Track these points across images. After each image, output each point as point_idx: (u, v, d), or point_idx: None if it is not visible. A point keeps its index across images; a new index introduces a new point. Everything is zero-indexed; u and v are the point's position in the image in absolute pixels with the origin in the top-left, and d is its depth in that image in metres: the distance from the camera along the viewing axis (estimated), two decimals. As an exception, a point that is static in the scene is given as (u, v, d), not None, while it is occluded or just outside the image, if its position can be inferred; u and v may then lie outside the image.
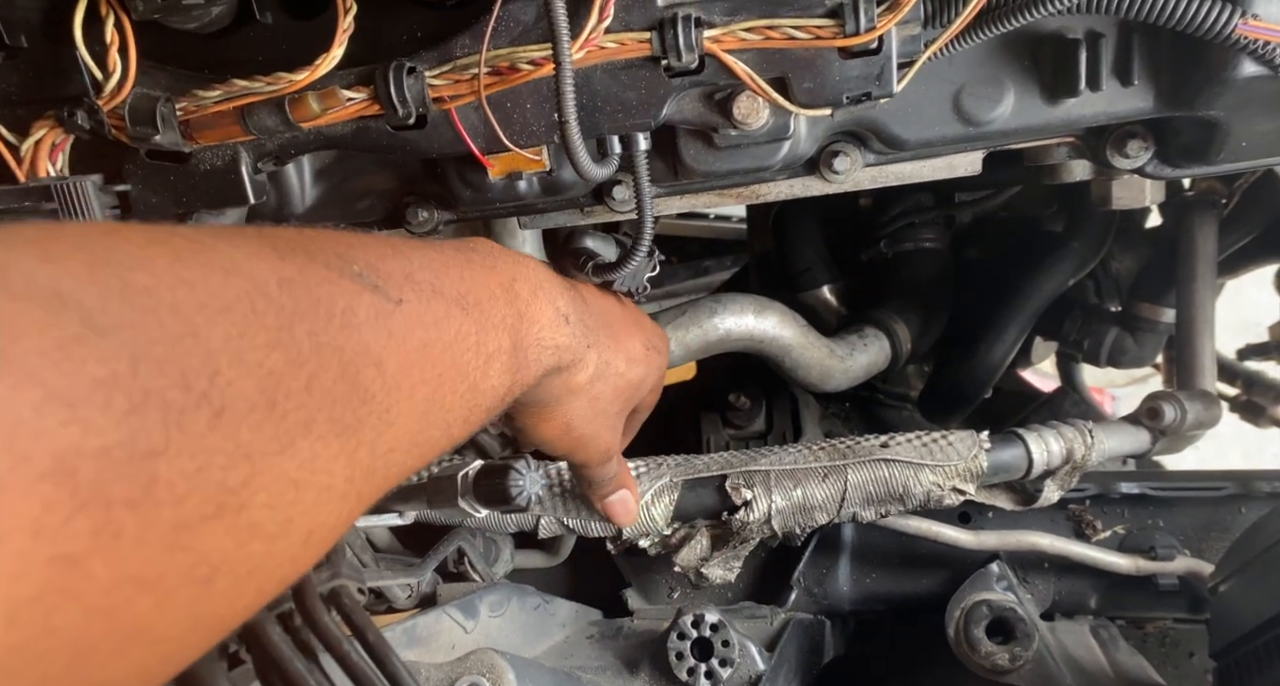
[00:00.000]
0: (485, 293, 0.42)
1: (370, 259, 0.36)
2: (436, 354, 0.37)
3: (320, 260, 0.33)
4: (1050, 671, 0.62)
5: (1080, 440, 0.70)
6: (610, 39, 0.52)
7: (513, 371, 0.44)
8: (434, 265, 0.40)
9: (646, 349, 0.61)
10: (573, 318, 0.50)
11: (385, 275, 0.35)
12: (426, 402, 0.36)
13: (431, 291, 0.38)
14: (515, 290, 0.45)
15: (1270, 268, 1.08)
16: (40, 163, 0.54)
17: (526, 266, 0.49)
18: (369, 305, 0.33)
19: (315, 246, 0.34)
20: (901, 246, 1.01)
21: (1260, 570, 0.56)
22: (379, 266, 0.36)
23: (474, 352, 0.40)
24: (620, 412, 0.60)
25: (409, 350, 0.35)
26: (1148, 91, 0.55)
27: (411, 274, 0.37)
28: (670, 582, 0.78)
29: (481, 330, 0.40)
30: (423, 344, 0.36)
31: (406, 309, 0.35)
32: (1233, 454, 1.92)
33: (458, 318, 0.39)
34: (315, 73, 0.52)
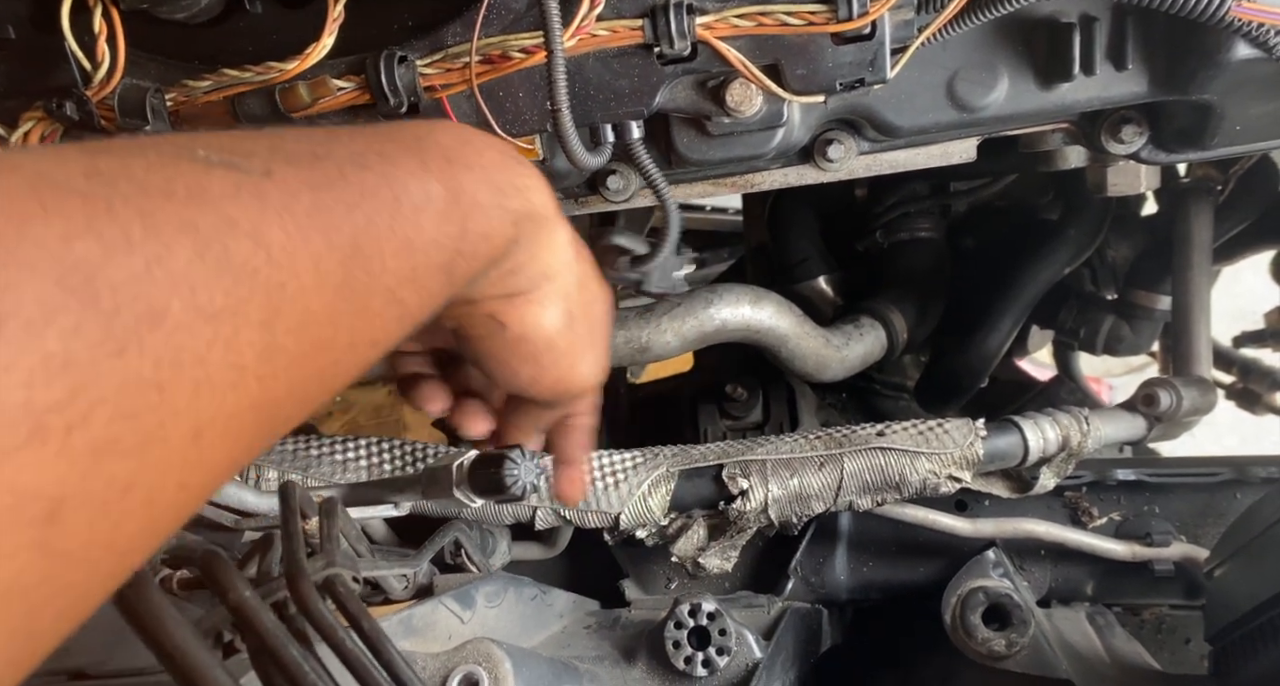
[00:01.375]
0: (391, 147, 0.36)
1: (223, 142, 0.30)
2: (340, 215, 0.31)
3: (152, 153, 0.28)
4: (1046, 657, 0.62)
5: (1076, 427, 0.70)
6: (602, 26, 0.51)
7: (458, 219, 0.37)
8: (313, 135, 0.34)
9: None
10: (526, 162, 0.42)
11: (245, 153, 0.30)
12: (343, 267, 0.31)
13: (312, 157, 0.32)
14: (435, 138, 0.38)
15: (1266, 254, 1.08)
16: (30, 154, 0.54)
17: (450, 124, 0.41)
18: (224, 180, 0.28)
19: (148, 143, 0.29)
20: (897, 236, 1.01)
21: (1255, 554, 0.57)
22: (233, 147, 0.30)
23: (392, 205, 0.34)
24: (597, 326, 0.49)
25: (297, 216, 0.30)
26: (1142, 75, 0.55)
27: (279, 147, 0.32)
28: (667, 572, 0.78)
29: (393, 182, 0.34)
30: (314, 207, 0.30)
31: (280, 177, 0.30)
32: (1229, 441, 1.93)
33: (354, 175, 0.33)
34: (305, 62, 0.52)
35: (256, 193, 0.29)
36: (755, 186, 0.66)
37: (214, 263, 0.26)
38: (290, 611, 0.38)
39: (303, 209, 0.30)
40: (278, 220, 0.29)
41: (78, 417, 0.22)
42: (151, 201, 0.26)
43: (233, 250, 0.27)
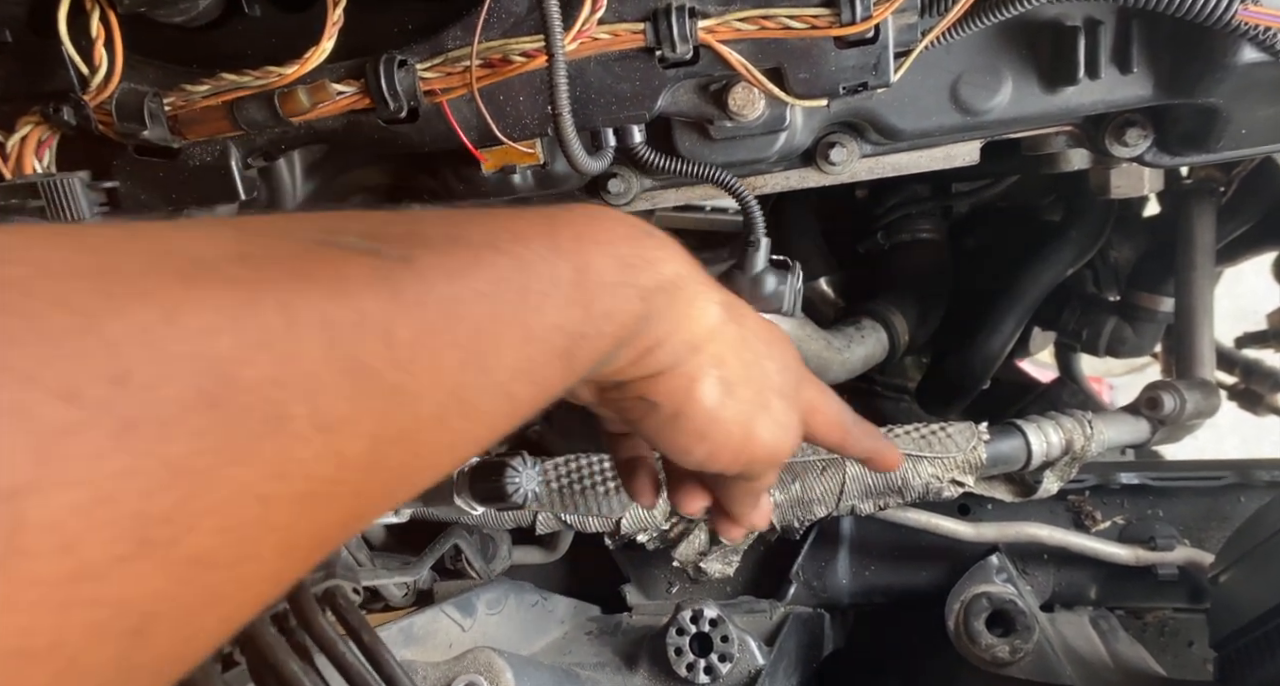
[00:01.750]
0: (524, 226, 0.35)
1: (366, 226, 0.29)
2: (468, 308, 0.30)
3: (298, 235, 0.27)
4: (1050, 663, 0.62)
5: (1079, 431, 0.70)
6: (603, 30, 0.51)
7: (583, 302, 0.35)
8: (451, 218, 0.33)
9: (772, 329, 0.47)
10: (659, 235, 0.40)
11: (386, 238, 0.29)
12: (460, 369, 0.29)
13: (448, 242, 0.31)
14: (566, 217, 0.37)
15: (1269, 255, 1.08)
16: (26, 159, 0.54)
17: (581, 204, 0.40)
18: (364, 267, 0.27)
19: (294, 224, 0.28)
20: (899, 237, 1.01)
21: (1260, 561, 0.56)
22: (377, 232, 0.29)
23: (519, 293, 0.32)
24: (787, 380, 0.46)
25: (428, 311, 0.28)
26: (1147, 79, 0.55)
27: (419, 231, 0.31)
28: (669, 577, 0.78)
29: (525, 267, 0.33)
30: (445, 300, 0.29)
31: (418, 265, 0.29)
32: (1231, 442, 1.93)
33: (489, 259, 0.31)
34: (305, 66, 0.51)
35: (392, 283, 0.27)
36: (757, 189, 0.66)
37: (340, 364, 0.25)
38: (290, 624, 0.37)
39: (434, 301, 0.29)
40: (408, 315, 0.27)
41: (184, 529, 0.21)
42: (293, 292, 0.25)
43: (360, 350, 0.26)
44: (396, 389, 0.27)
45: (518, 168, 0.59)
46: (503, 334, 0.31)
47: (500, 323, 0.31)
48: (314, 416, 0.24)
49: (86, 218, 0.54)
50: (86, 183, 0.55)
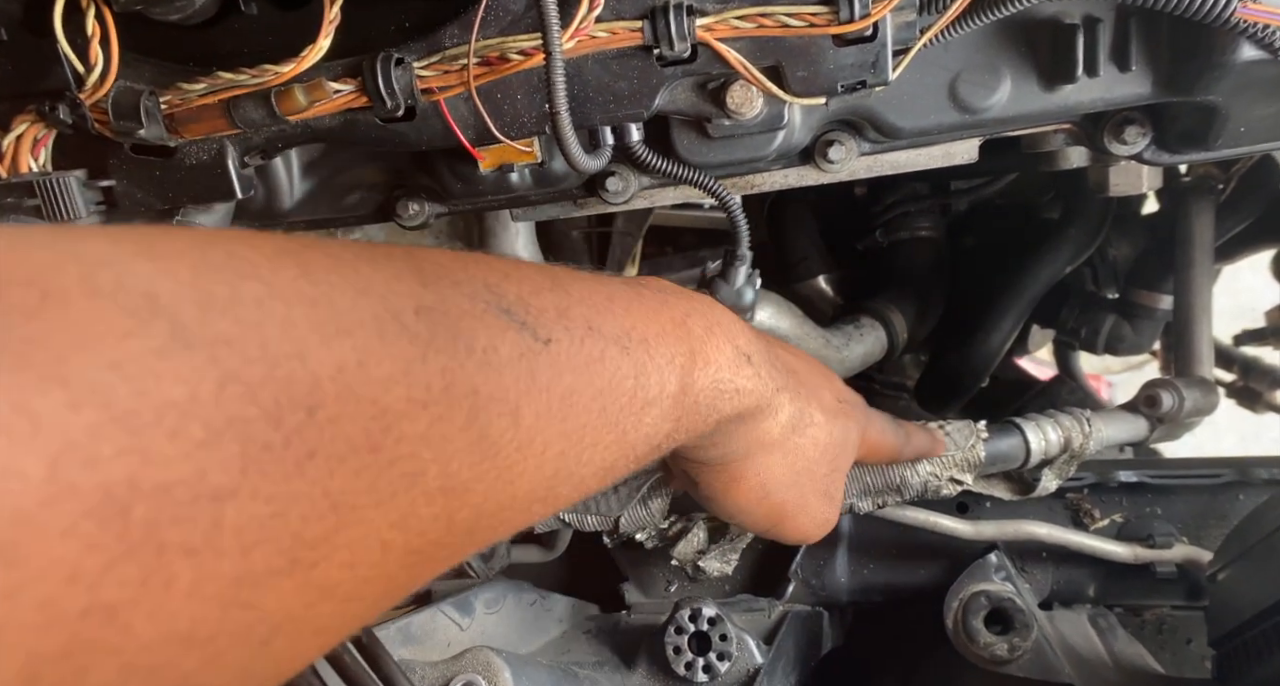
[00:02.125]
0: (652, 329, 0.37)
1: (523, 292, 0.32)
2: (583, 404, 0.32)
3: (466, 290, 0.29)
4: (1049, 660, 0.62)
5: (1078, 429, 0.70)
6: (601, 28, 0.51)
7: (675, 418, 0.38)
8: (594, 299, 0.35)
9: (839, 401, 0.53)
10: (756, 358, 0.44)
11: (537, 311, 0.31)
12: (560, 458, 0.32)
13: (586, 329, 0.33)
14: (688, 326, 0.40)
15: (1267, 253, 1.08)
16: (22, 158, 0.54)
17: (702, 302, 0.43)
18: (513, 344, 0.29)
19: (464, 273, 0.30)
20: (897, 235, 1.01)
21: (1259, 559, 0.56)
22: (531, 301, 0.32)
23: (628, 399, 0.35)
24: (829, 475, 0.52)
25: (551, 398, 0.31)
26: (1145, 77, 0.55)
27: (566, 309, 0.33)
28: (667, 576, 0.77)
29: (641, 373, 0.35)
30: (568, 392, 0.31)
31: (555, 350, 0.31)
32: (1229, 439, 1.93)
33: (614, 359, 0.34)
34: (301, 65, 0.51)
35: (531, 365, 0.30)
36: (756, 187, 0.65)
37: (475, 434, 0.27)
38: (287, 624, 0.37)
39: (559, 392, 0.31)
40: (535, 400, 0.30)
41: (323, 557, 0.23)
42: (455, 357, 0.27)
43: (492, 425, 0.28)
44: (509, 465, 0.29)
45: (515, 166, 0.58)
46: (602, 436, 0.34)
47: (604, 424, 0.34)
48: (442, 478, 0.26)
49: (83, 216, 0.54)
50: (83, 181, 0.55)
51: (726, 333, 0.42)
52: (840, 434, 0.51)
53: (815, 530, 0.53)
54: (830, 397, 0.52)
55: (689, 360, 0.38)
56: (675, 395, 0.37)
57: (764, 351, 0.45)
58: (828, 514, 0.53)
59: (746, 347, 0.43)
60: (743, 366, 0.42)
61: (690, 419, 0.39)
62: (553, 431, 0.31)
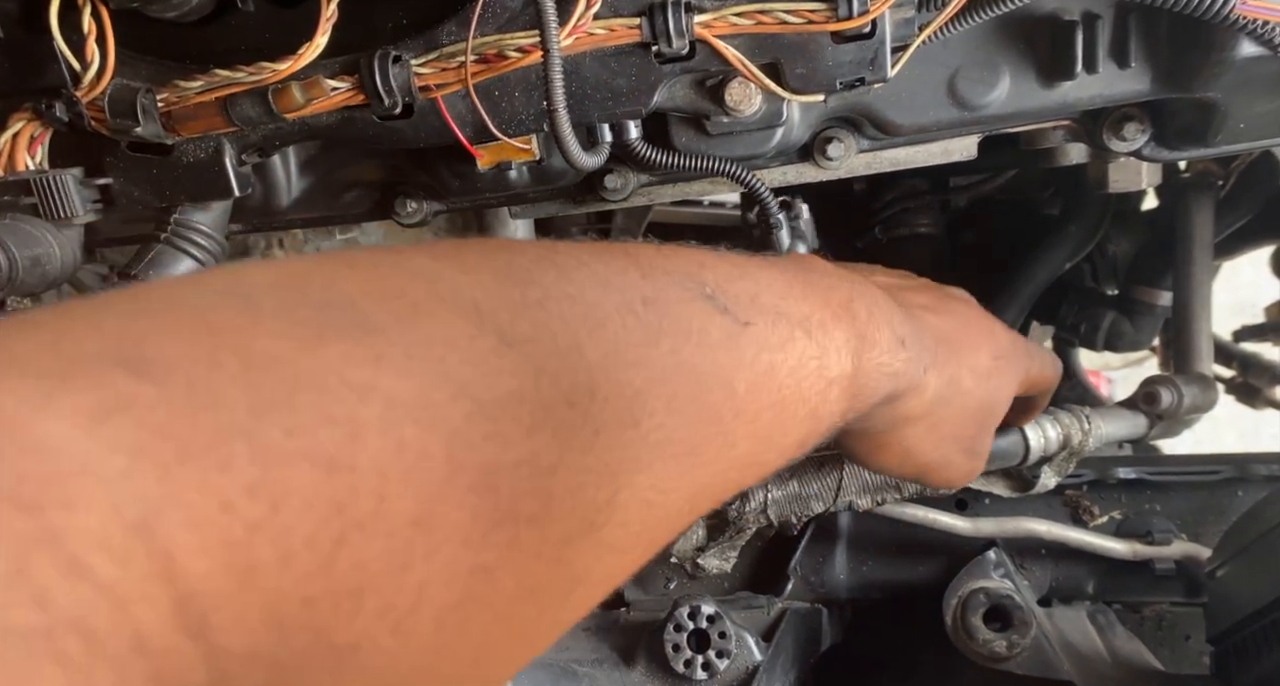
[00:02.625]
0: (828, 313, 0.40)
1: (720, 280, 0.35)
2: (782, 378, 0.36)
3: (677, 280, 0.33)
4: (1048, 657, 0.62)
5: (1077, 426, 0.70)
6: (599, 25, 0.51)
7: (850, 396, 0.41)
8: (777, 286, 0.39)
9: (996, 359, 0.54)
10: (909, 339, 0.46)
11: (734, 297, 0.35)
12: (769, 427, 0.35)
13: (775, 314, 0.37)
14: (854, 311, 0.42)
15: (1267, 248, 1.08)
16: (19, 156, 0.53)
17: (861, 286, 0.45)
18: (720, 327, 0.33)
19: (672, 265, 0.34)
20: (896, 232, 1.01)
21: (1258, 556, 0.56)
22: (728, 288, 0.35)
23: (816, 376, 0.38)
24: (978, 434, 0.55)
25: (757, 373, 0.34)
26: (1145, 73, 0.55)
27: (757, 296, 0.37)
28: (666, 573, 0.77)
29: (824, 354, 0.39)
30: (769, 367, 0.35)
31: (753, 332, 0.35)
32: (1229, 435, 1.93)
33: (801, 341, 0.37)
34: (299, 62, 0.51)
35: (738, 344, 0.34)
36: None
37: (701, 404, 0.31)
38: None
39: (762, 366, 0.34)
40: (744, 372, 0.33)
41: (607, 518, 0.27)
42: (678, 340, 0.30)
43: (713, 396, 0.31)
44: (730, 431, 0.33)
45: (513, 164, 0.58)
46: (798, 407, 0.37)
47: (799, 396, 0.37)
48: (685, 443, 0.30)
49: (79, 215, 0.54)
50: (80, 179, 0.55)
51: (885, 316, 0.45)
52: (990, 394, 0.54)
53: (959, 480, 0.56)
54: (986, 357, 0.54)
55: (859, 343, 0.42)
56: (850, 375, 0.40)
57: (915, 333, 0.47)
58: (972, 466, 0.55)
59: (900, 330, 0.46)
60: (899, 350, 0.45)
61: (859, 399, 0.43)
62: (762, 402, 0.34)
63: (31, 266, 0.51)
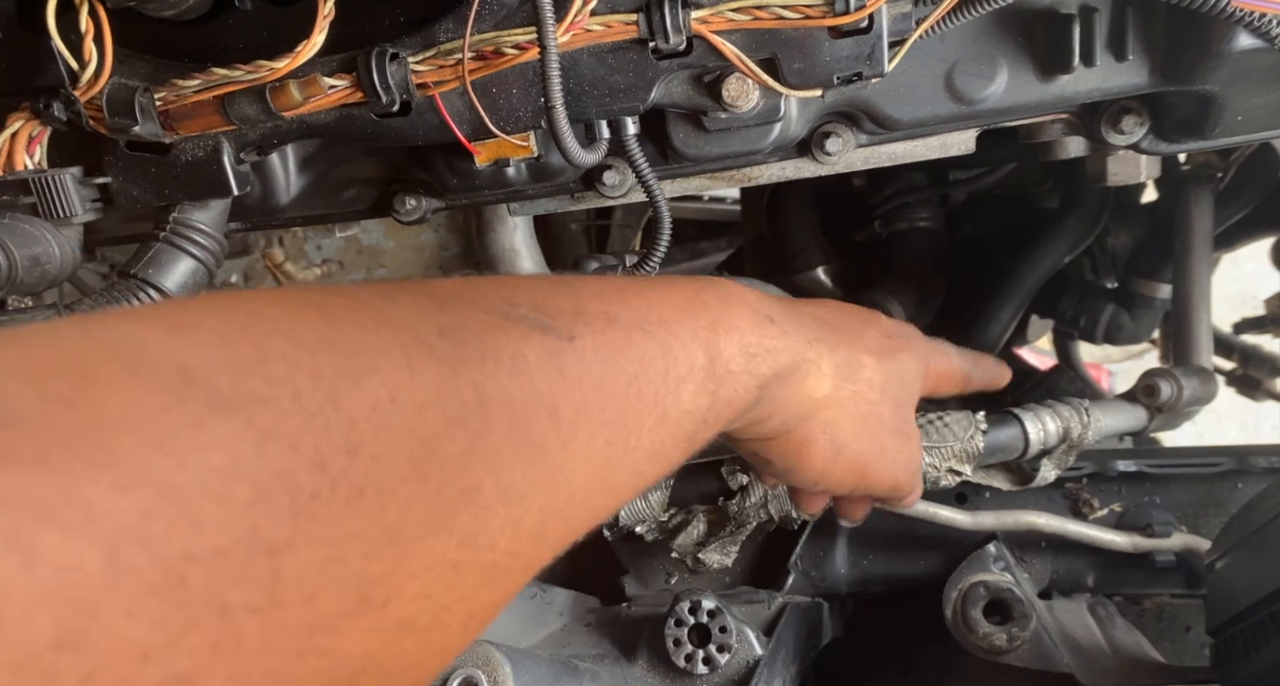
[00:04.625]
0: (668, 309, 0.38)
1: (537, 298, 0.32)
2: (619, 389, 0.33)
3: (484, 306, 0.30)
4: (1048, 650, 0.62)
5: (1077, 419, 0.70)
6: (596, 21, 0.51)
7: (711, 390, 0.38)
8: (607, 293, 0.36)
9: (886, 337, 0.52)
10: (779, 316, 0.43)
11: (554, 312, 0.32)
12: (608, 447, 0.32)
13: (605, 321, 0.34)
14: (702, 299, 0.40)
15: (1267, 240, 1.08)
16: (17, 155, 0.54)
17: (710, 280, 0.43)
18: (539, 346, 0.30)
19: (478, 293, 0.31)
20: (896, 226, 1.01)
21: (1257, 547, 0.56)
22: (546, 304, 0.32)
23: (661, 377, 0.35)
24: (896, 412, 0.51)
25: (585, 390, 0.31)
26: (1142, 66, 0.55)
27: (582, 307, 0.34)
28: (667, 568, 0.78)
29: (668, 352, 0.36)
30: (600, 381, 0.32)
31: (580, 344, 0.32)
32: (1230, 427, 1.93)
33: (639, 342, 0.34)
34: (296, 60, 0.51)
35: (559, 362, 0.30)
36: (753, 180, 0.65)
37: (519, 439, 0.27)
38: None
39: (592, 382, 0.31)
40: (570, 394, 0.30)
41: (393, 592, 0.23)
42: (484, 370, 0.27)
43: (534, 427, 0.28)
44: (560, 464, 0.29)
45: (512, 161, 0.58)
46: (645, 415, 0.34)
47: (644, 404, 0.34)
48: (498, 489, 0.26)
49: (79, 214, 0.54)
50: (78, 178, 0.55)
51: (741, 299, 0.42)
52: (896, 369, 0.50)
53: (902, 472, 0.52)
54: (875, 335, 0.51)
55: (711, 331, 0.39)
56: (705, 367, 0.38)
57: (785, 309, 0.44)
58: (908, 451, 0.52)
59: (766, 310, 0.43)
60: (766, 326, 0.42)
61: (728, 388, 0.39)
62: (595, 422, 0.31)
63: (31, 266, 0.51)
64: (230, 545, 0.20)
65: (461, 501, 0.25)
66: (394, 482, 0.23)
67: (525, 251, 0.83)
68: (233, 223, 0.63)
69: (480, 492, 0.26)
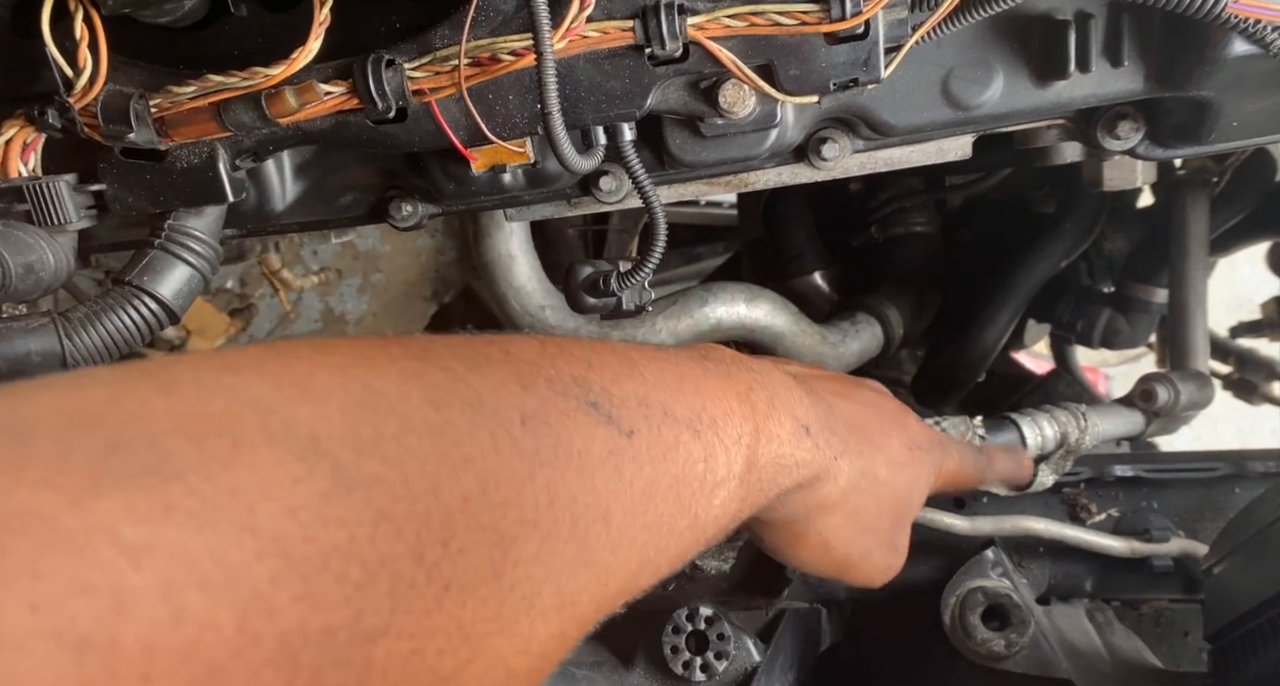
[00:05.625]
0: (720, 409, 0.37)
1: (606, 382, 0.32)
2: (661, 492, 0.32)
3: (559, 387, 0.30)
4: (1046, 656, 0.62)
5: (1074, 424, 0.70)
6: (592, 28, 0.51)
7: (741, 497, 0.38)
8: (668, 381, 0.35)
9: (910, 449, 0.53)
10: (814, 427, 0.44)
11: (620, 401, 0.32)
12: (643, 551, 0.32)
13: (663, 415, 0.33)
14: (752, 401, 0.40)
15: (1263, 245, 1.08)
16: (11, 163, 0.53)
17: (762, 373, 0.43)
18: (602, 442, 0.30)
19: (555, 368, 0.31)
20: (893, 231, 1.01)
21: (1254, 552, 0.56)
22: (613, 390, 0.32)
23: (700, 482, 0.35)
24: (894, 527, 0.53)
25: (634, 494, 0.31)
26: (1138, 72, 0.55)
27: (645, 396, 0.33)
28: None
29: (711, 456, 0.36)
30: (648, 484, 0.31)
31: (636, 441, 0.31)
32: (1226, 431, 1.93)
33: (687, 443, 0.34)
34: (292, 67, 0.51)
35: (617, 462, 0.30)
36: (749, 186, 0.65)
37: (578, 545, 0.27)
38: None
39: (641, 486, 0.31)
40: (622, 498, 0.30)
41: None
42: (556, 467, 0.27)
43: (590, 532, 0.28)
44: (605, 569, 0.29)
45: (508, 167, 0.58)
46: (678, 521, 0.34)
47: (680, 509, 0.34)
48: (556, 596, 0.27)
49: (73, 221, 0.54)
50: (73, 186, 0.54)
51: (786, 404, 0.42)
52: (906, 486, 0.52)
53: (879, 577, 0.54)
54: (899, 447, 0.52)
55: (754, 438, 0.39)
56: (741, 475, 0.38)
57: (822, 419, 0.45)
58: (891, 562, 0.54)
59: (805, 418, 0.43)
60: (803, 439, 0.42)
61: (754, 495, 0.40)
62: (638, 525, 0.31)
63: (25, 273, 0.51)
64: (339, 627, 0.20)
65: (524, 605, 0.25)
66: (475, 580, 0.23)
67: (522, 256, 0.83)
68: (228, 229, 0.63)
69: (540, 598, 0.26)
